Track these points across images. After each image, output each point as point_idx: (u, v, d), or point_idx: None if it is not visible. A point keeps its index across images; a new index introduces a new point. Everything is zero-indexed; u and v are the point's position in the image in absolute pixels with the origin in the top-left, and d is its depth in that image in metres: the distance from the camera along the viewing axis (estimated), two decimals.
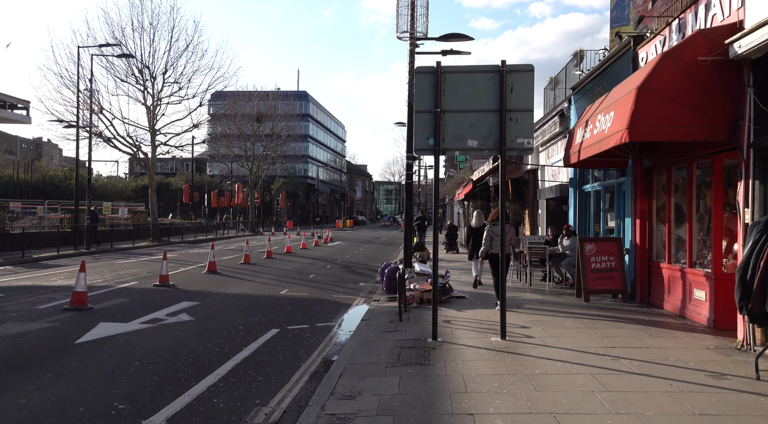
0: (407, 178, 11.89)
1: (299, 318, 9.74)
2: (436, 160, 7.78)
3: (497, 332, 7.75)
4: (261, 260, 20.49)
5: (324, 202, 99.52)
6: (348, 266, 19.71)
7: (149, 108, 30.34)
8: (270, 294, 12.45)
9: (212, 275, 15.44)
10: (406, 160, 11.87)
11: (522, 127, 7.48)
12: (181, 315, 9.57)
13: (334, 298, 12.24)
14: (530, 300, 10.86)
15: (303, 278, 15.50)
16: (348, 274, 17.12)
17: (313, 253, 25.23)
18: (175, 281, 13.89)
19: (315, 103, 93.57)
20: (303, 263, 20.22)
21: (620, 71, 10.79)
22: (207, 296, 11.83)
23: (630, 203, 10.44)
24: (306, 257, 23.03)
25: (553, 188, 16.20)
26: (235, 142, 50.61)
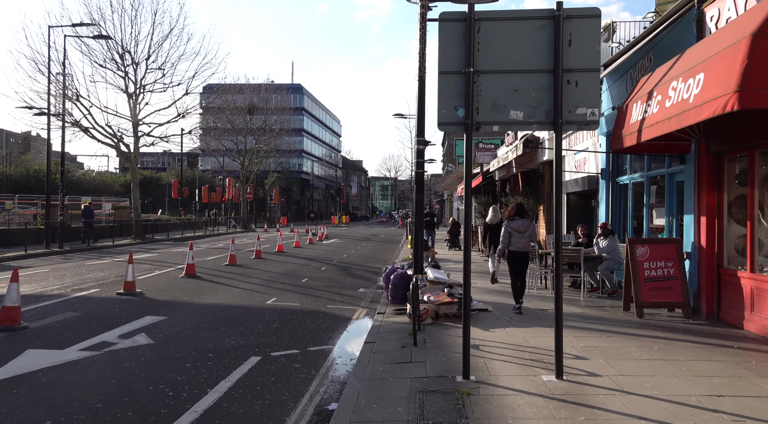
0: (417, 167, 9.94)
1: (287, 339, 7.82)
2: (468, 139, 5.84)
3: (547, 365, 5.86)
4: (249, 261, 18.52)
5: (319, 197, 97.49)
6: (345, 267, 17.79)
7: (131, 96, 28.26)
8: (254, 304, 10.51)
9: (190, 280, 13.47)
10: (417, 145, 9.91)
11: (585, 93, 5.56)
12: (138, 337, 7.62)
13: (330, 309, 10.32)
14: (568, 314, 8.96)
15: (295, 283, 13.57)
16: (346, 277, 15.20)
17: (307, 252, 23.28)
18: (144, 288, 11.92)
19: (310, 96, 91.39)
20: (295, 264, 18.28)
21: (677, 38, 8.89)
22: (177, 308, 9.87)
23: (692, 197, 8.55)
24: (299, 256, 21.09)
25: (578, 181, 14.31)
26: (226, 135, 48.51)
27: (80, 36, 24.16)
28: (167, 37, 28.29)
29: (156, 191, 66.07)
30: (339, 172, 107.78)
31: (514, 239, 9.27)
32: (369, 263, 19.27)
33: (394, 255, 22.97)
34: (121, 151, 28.43)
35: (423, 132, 9.96)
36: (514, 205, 10.74)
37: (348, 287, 13.35)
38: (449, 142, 74.40)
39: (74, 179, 61.43)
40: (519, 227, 9.31)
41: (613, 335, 7.40)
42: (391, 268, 11.14)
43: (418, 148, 9.95)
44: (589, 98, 5.55)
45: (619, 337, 7.26)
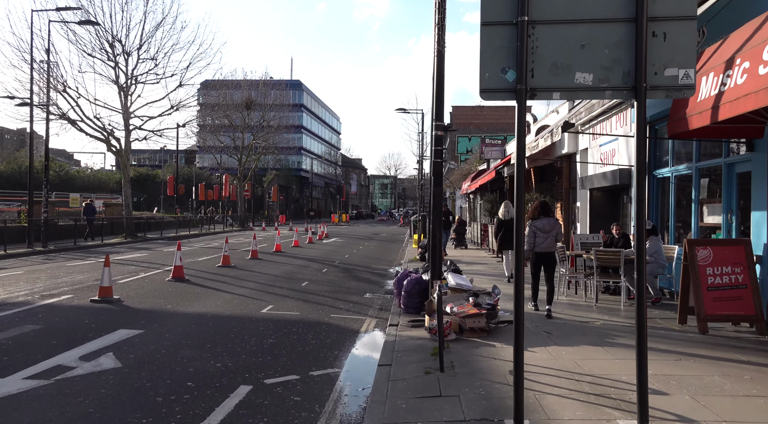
0: (436, 156, 8.62)
1: (285, 360, 6.50)
2: (521, 108, 4.49)
3: (618, 404, 4.55)
4: (244, 262, 17.18)
5: (318, 196, 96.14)
6: (348, 269, 16.46)
7: (122, 87, 26.88)
8: (247, 313, 9.18)
9: (177, 284, 12.12)
10: (435, 131, 8.58)
11: (676, 48, 4.22)
12: (103, 358, 6.29)
13: (334, 319, 8.99)
14: (613, 328, 7.65)
15: (293, 288, 12.24)
16: (349, 280, 13.87)
17: (307, 252, 21.95)
18: (123, 294, 10.59)
19: (309, 92, 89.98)
20: (294, 265, 16.94)
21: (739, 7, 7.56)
22: (158, 319, 8.54)
23: (765, 190, 7.23)
24: (298, 257, 19.75)
25: (607, 175, 12.97)
26: (223, 131, 47.12)
27: (66, 21, 22.80)
28: (160, 25, 26.96)
29: (152, 189, 64.80)
30: (338, 170, 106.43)
31: (539, 239, 8.75)
32: (373, 264, 17.95)
33: (399, 255, 21.65)
34: (111, 145, 27.04)
35: (441, 115, 8.64)
36: (538, 203, 9.56)
37: (353, 291, 12.02)
38: (451, 138, 73.09)
39: (67, 176, 60.06)
40: (544, 226, 8.76)
41: (683, 357, 6.08)
42: (404, 272, 9.81)
43: (436, 134, 8.63)
44: (681, 55, 4.21)
45: (692, 360, 5.94)
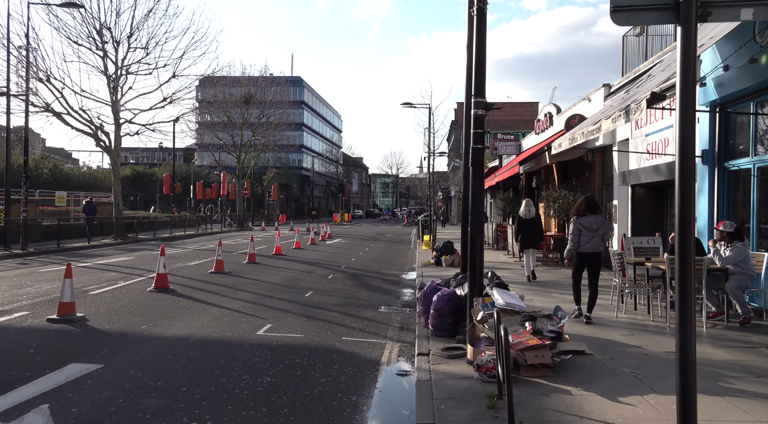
0: (475, 141, 6.85)
1: (286, 413, 4.75)
2: (688, 35, 2.74)
3: None
4: (240, 267, 15.43)
5: (319, 194, 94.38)
6: (356, 274, 14.70)
7: (111, 78, 25.12)
8: (239, 337, 7.42)
9: (159, 296, 10.36)
10: (474, 110, 6.79)
11: None
12: (31, 416, 4.52)
13: (347, 344, 7.24)
14: (716, 364, 5.88)
15: (296, 299, 10.48)
16: (359, 289, 12.11)
17: (310, 254, 20.19)
18: (91, 310, 8.84)
19: (310, 89, 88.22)
20: (296, 270, 15.18)
21: None
22: (126, 347, 6.78)
23: None
24: (300, 260, 18.00)
25: (659, 168, 11.19)
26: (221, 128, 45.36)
27: (48, 3, 21.02)
28: (152, 11, 25.16)
29: (149, 188, 63.16)
30: (340, 168, 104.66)
31: (585, 238, 8.11)
32: (384, 269, 16.19)
33: (410, 259, 19.90)
34: (100, 140, 25.28)
35: (483, 89, 6.88)
36: (584, 199, 8.55)
37: (365, 304, 10.27)
38: (455, 136, 71.26)
39: (61, 174, 58.36)
40: (591, 224, 8.10)
41: None
42: (431, 285, 8.05)
43: (476, 114, 6.86)
44: None
45: None
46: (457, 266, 16.23)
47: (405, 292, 12.09)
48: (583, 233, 8.11)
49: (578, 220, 8.18)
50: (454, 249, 16.65)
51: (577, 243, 8.17)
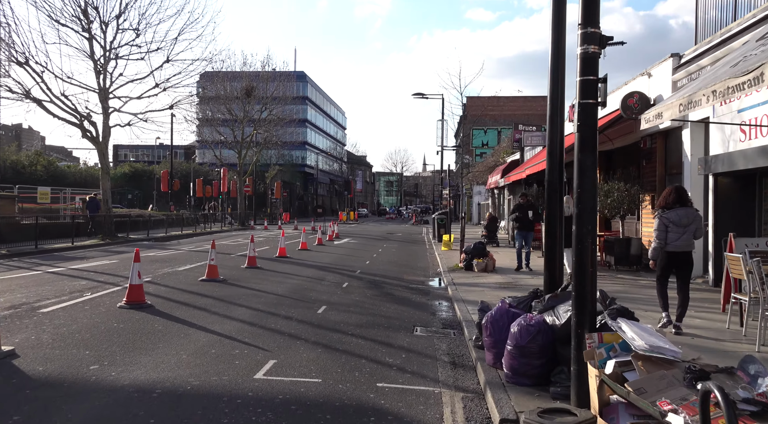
0: (584, 94, 4.55)
1: None
2: None
3: None
4: (237, 273, 13.14)
5: (323, 192, 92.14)
6: (375, 282, 12.39)
7: (98, 62, 22.85)
8: (229, 384, 5.13)
9: (130, 314, 8.06)
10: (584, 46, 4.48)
11: None
12: None
13: (384, 395, 4.93)
14: None
15: (306, 318, 8.19)
16: (383, 302, 9.81)
17: (318, 256, 17.89)
18: (29, 338, 6.54)
19: (314, 85, 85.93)
20: (304, 276, 12.88)
21: None
22: (51, 408, 4.48)
23: None
24: (308, 264, 15.70)
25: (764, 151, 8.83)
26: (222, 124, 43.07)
27: None
28: None
29: (148, 185, 61.20)
30: (344, 166, 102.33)
31: (672, 234, 7.09)
32: (405, 274, 13.88)
33: (431, 261, 17.60)
34: (87, 130, 23.01)
35: (595, 16, 4.56)
36: (673, 189, 7.45)
37: (395, 324, 7.97)
38: (464, 132, 68.87)
39: (56, 171, 56.19)
40: (680, 218, 7.07)
41: None
42: (502, 308, 5.71)
43: (586, 52, 4.52)
44: None
45: None
46: (491, 270, 13.94)
47: (439, 306, 9.80)
48: (670, 228, 7.07)
49: (665, 214, 7.12)
50: (487, 251, 14.34)
51: (663, 241, 7.09)
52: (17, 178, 48.26)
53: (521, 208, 13.63)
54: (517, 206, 13.85)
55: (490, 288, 11.05)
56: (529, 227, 13.48)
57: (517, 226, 13.49)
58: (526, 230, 13.54)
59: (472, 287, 11.22)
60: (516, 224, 13.55)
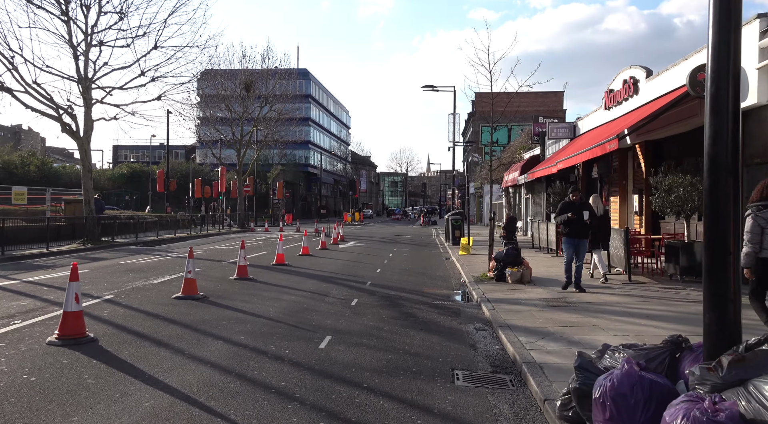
0: None
1: None
2: None
3: None
4: (223, 287, 10.89)
5: (327, 193, 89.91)
6: (391, 297, 10.11)
7: (78, 48, 20.68)
8: None
9: (57, 356, 5.80)
10: None
11: None
12: None
13: None
14: None
15: (303, 359, 5.92)
16: (405, 328, 7.54)
17: (321, 263, 15.63)
18: None
19: (317, 82, 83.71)
20: (304, 291, 10.61)
21: None
22: None
23: None
24: (309, 273, 13.45)
25: None
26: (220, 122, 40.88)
27: None
28: None
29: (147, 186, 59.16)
30: (348, 166, 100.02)
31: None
32: (425, 286, 11.61)
33: (450, 268, 15.34)
34: (66, 124, 20.84)
35: None
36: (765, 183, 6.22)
37: (427, 369, 5.70)
38: (474, 129, 66.52)
39: (49, 172, 54.19)
40: None
41: None
42: (626, 374, 3.39)
43: None
44: None
45: None
46: (528, 282, 11.64)
47: (478, 333, 7.53)
48: (767, 231, 6.09)
49: (759, 213, 6.12)
50: (522, 258, 12.04)
51: (757, 245, 6.10)
52: (9, 178, 46.26)
53: (572, 208, 10.21)
54: (566, 205, 10.37)
55: (537, 307, 8.77)
56: (582, 232, 10.26)
57: (565, 231, 10.29)
58: (578, 236, 10.22)
59: (511, 305, 8.96)
60: (564, 228, 10.32)
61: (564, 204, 10.49)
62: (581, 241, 10.25)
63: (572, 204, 10.30)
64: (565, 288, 10.30)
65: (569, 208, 10.24)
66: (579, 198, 10.48)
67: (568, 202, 10.44)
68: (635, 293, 10.01)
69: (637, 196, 15.53)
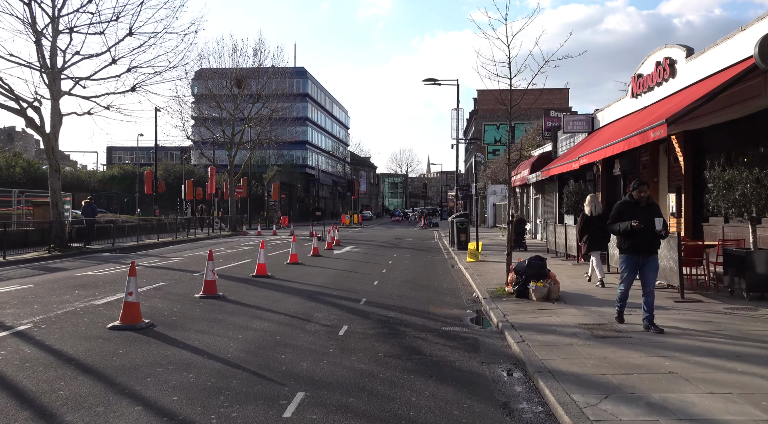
0: None
1: None
2: None
3: None
4: (181, 308, 8.83)
5: (326, 194, 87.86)
6: (389, 321, 8.04)
7: (42, 34, 18.65)
8: None
9: None
10: None
11: None
12: None
13: None
14: None
15: None
16: (408, 373, 5.49)
17: (310, 274, 13.56)
18: None
19: (315, 82, 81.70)
20: (282, 315, 8.53)
21: None
22: None
23: None
24: (293, 288, 11.38)
25: None
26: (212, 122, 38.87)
27: None
28: None
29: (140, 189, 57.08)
30: (347, 167, 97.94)
31: None
32: (431, 305, 9.53)
33: (459, 279, 13.30)
34: (29, 118, 18.81)
35: None
36: None
37: None
38: (476, 127, 64.42)
39: (36, 174, 52.10)
40: None
41: None
42: None
43: None
44: None
45: None
46: (555, 300, 9.59)
47: (508, 382, 5.49)
48: None
49: None
50: (547, 270, 9.97)
51: None
52: None
53: (635, 211, 7.13)
54: (626, 207, 7.26)
55: (580, 339, 6.72)
56: (651, 246, 7.13)
57: (626, 246, 7.17)
58: (644, 252, 7.10)
59: (545, 335, 6.93)
60: (624, 241, 7.18)
61: (622, 205, 7.34)
62: (649, 258, 7.13)
63: (634, 205, 7.20)
64: (620, 321, 7.49)
65: (631, 211, 7.16)
66: (646, 197, 7.28)
67: (629, 202, 7.30)
68: (697, 316, 7.95)
69: (674, 195, 13.46)
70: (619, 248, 7.34)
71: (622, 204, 7.38)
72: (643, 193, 7.24)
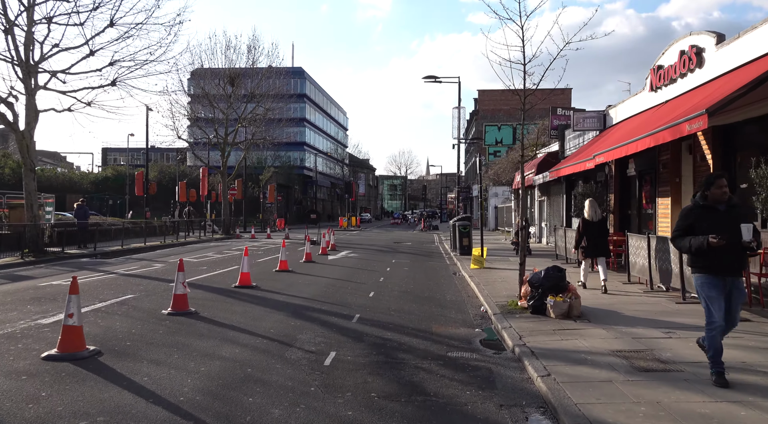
0: None
1: None
2: None
3: None
4: (141, 329, 7.55)
5: (323, 196, 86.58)
6: (385, 346, 6.77)
7: (13, 24, 17.40)
8: None
9: None
10: None
11: None
12: None
13: None
14: None
15: None
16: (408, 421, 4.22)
17: (299, 283, 12.28)
18: None
19: (313, 82, 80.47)
20: (259, 338, 7.25)
21: None
22: None
23: None
24: (278, 300, 10.10)
25: None
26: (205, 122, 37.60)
27: None
28: None
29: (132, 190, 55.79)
30: (345, 169, 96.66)
31: None
32: (432, 323, 8.25)
33: (463, 289, 12.05)
34: (1, 114, 17.54)
35: None
36: None
37: None
38: (477, 128, 63.18)
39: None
40: None
41: None
42: None
43: None
44: None
45: None
46: (578, 317, 8.34)
47: None
48: None
49: None
50: (567, 282, 8.71)
51: None
52: None
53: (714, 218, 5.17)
54: (699, 210, 5.26)
55: (619, 372, 5.46)
56: (736, 265, 5.17)
57: (702, 263, 5.18)
58: (730, 272, 5.15)
59: (574, 366, 5.68)
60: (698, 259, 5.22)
61: (692, 212, 5.32)
62: (736, 282, 5.18)
63: (710, 210, 5.20)
64: (720, 385, 4.96)
65: (707, 218, 5.19)
66: (727, 196, 5.19)
67: (702, 205, 5.26)
68: (752, 341, 6.67)
69: None
70: (693, 266, 5.34)
71: (692, 210, 5.32)
72: (719, 192, 5.12)
